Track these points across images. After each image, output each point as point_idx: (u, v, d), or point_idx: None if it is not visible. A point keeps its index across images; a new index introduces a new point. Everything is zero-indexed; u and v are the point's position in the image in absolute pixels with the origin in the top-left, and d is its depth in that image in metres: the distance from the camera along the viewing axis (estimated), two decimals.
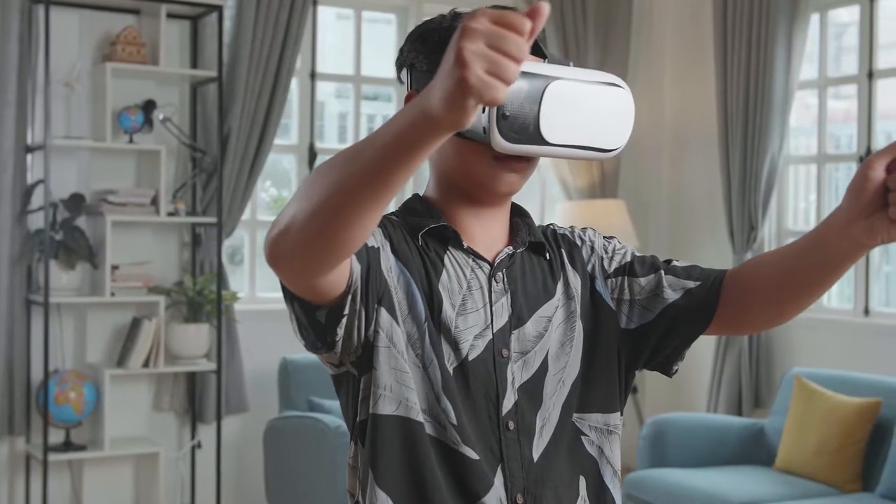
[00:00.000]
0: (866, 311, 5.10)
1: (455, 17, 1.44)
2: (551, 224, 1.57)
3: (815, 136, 5.52)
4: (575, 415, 1.45)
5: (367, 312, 1.35)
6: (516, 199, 1.52)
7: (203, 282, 4.78)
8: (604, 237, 1.56)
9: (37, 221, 4.58)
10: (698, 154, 5.97)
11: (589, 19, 5.86)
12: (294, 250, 1.19)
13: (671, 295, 1.46)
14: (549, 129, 1.27)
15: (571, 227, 1.58)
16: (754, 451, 4.70)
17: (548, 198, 6.07)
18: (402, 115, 1.08)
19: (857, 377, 4.52)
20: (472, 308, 1.42)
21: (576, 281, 1.50)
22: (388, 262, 1.38)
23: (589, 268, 1.51)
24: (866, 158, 1.23)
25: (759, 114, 5.34)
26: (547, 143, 1.28)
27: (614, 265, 1.51)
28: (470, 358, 1.40)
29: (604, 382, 1.48)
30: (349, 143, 5.66)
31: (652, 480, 4.48)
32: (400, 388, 1.37)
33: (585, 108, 1.31)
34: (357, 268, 1.31)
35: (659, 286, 1.48)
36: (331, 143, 5.75)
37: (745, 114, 5.42)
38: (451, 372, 1.39)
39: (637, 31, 6.13)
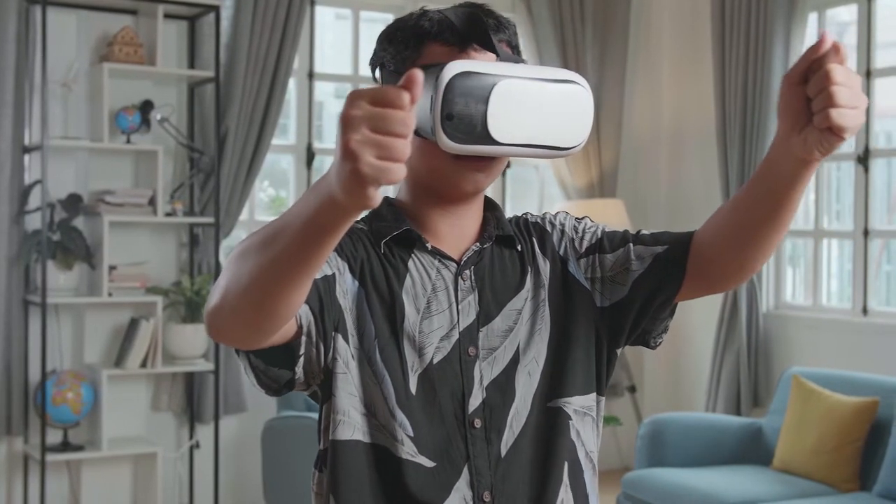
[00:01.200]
0: (865, 311, 5.10)
1: (421, 15, 1.43)
2: (526, 213, 1.56)
3: None
4: (550, 402, 1.44)
5: (325, 343, 1.35)
6: (514, 196, 1.53)
7: (201, 282, 4.78)
8: (576, 218, 1.55)
9: (34, 222, 4.58)
10: (697, 153, 5.96)
11: (587, 19, 5.85)
12: (231, 326, 1.21)
13: (640, 266, 1.44)
14: (499, 128, 1.25)
15: (545, 213, 1.56)
16: (752, 450, 4.69)
17: (546, 197, 6.07)
18: (312, 198, 1.07)
19: (855, 376, 4.51)
20: (437, 310, 1.42)
21: (545, 268, 1.48)
22: (344, 286, 1.39)
23: (561, 251, 1.50)
24: (784, 76, 1.20)
25: (758, 113, 5.34)
26: (497, 143, 1.26)
27: (585, 244, 1.49)
28: (435, 361, 1.40)
29: (578, 365, 1.46)
30: None
31: (649, 480, 4.47)
32: (352, 412, 1.39)
33: (537, 106, 1.28)
34: (305, 310, 1.31)
35: (627, 259, 1.46)
36: (329, 143, 5.75)
37: (744, 113, 5.42)
38: (417, 378, 1.39)
39: (635, 30, 6.13)
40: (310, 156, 5.38)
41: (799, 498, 4.14)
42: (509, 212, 6.74)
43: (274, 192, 5.81)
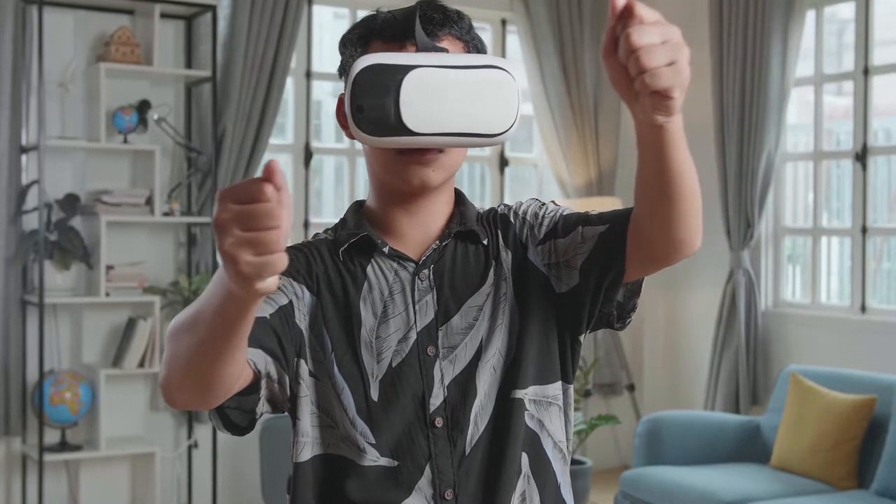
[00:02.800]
0: (863, 309, 5.10)
1: (373, 16, 1.44)
2: (501, 204, 1.55)
3: (813, 133, 5.51)
4: (510, 393, 1.43)
5: (289, 373, 1.38)
6: (513, 195, 1.52)
7: (199, 282, 4.78)
8: (541, 204, 1.52)
9: (31, 222, 4.58)
10: (695, 151, 5.83)
11: (585, 19, 5.85)
12: (182, 397, 1.25)
13: (586, 248, 1.41)
14: (413, 118, 1.25)
15: (519, 202, 1.54)
16: (750, 448, 4.69)
17: (545, 196, 6.07)
18: (219, 288, 1.10)
19: (853, 374, 4.51)
20: (393, 313, 1.42)
21: (507, 259, 1.47)
22: (303, 309, 1.41)
23: (522, 239, 1.48)
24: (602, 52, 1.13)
25: (755, 111, 5.34)
26: (413, 133, 1.26)
27: (544, 230, 1.47)
28: (394, 365, 1.41)
29: (538, 354, 1.45)
30: (345, 142, 5.67)
31: (647, 478, 4.47)
32: (313, 430, 1.41)
33: (455, 94, 1.26)
34: (260, 356, 1.33)
35: (576, 241, 1.43)
36: (328, 142, 5.75)
37: (742, 111, 5.41)
38: (378, 384, 1.40)
39: None
40: (308, 155, 5.38)
41: (796, 496, 4.13)
42: None
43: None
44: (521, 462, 1.42)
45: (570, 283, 1.43)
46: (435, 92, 1.25)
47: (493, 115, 1.28)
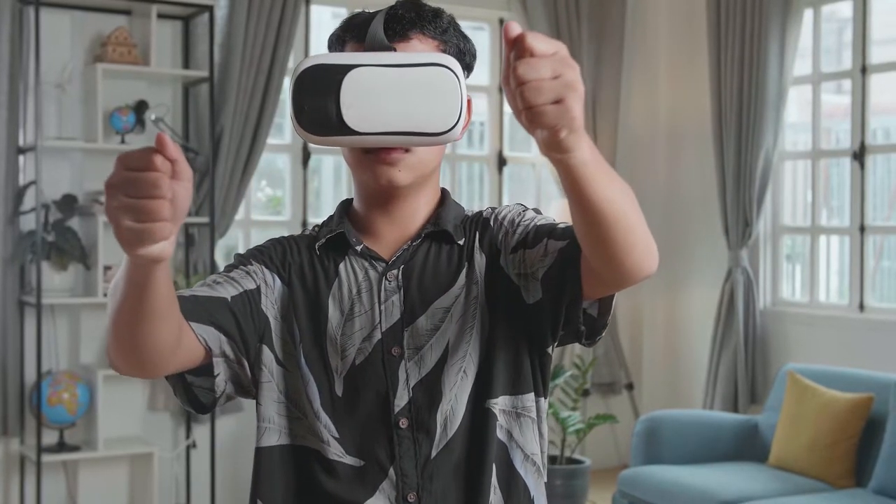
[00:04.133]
0: (861, 307, 5.09)
1: (355, 16, 1.45)
2: (489, 207, 1.53)
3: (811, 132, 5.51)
4: (482, 402, 1.42)
5: (249, 357, 1.40)
6: (511, 195, 1.52)
7: (196, 281, 4.77)
8: (524, 209, 1.49)
9: (29, 223, 4.58)
10: (693, 151, 5.96)
11: (583, 17, 5.85)
12: (120, 362, 1.29)
13: (549, 262, 1.36)
14: (355, 118, 1.25)
15: (505, 206, 1.52)
16: (748, 447, 4.69)
17: (543, 195, 6.07)
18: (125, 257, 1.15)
19: (850, 373, 4.51)
20: (360, 312, 1.43)
21: (481, 262, 1.45)
22: (272, 296, 1.43)
23: (497, 244, 1.46)
24: None
25: (753, 110, 5.33)
26: (355, 133, 1.26)
27: (516, 238, 1.42)
28: (357, 362, 1.41)
29: (509, 363, 1.43)
30: None
31: (645, 477, 4.47)
32: (278, 419, 1.42)
33: (395, 93, 1.25)
34: (212, 334, 1.36)
35: (540, 251, 1.37)
36: None
37: (739, 110, 5.41)
38: (342, 381, 1.41)
39: (631, 28, 6.13)
40: (306, 155, 5.38)
41: (794, 494, 4.13)
42: None
43: (271, 192, 5.81)
44: (490, 473, 1.42)
45: (536, 295, 1.39)
46: (374, 91, 1.25)
47: (435, 114, 1.26)
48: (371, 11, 1.43)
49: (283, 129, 5.48)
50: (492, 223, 1.48)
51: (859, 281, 5.11)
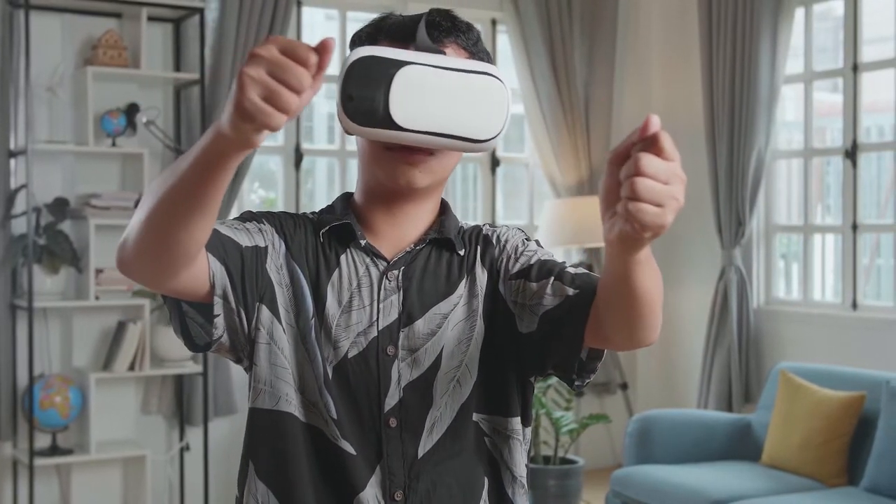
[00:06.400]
0: (854, 306, 5.09)
1: (387, 16, 1.46)
2: (485, 224, 1.56)
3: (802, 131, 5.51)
4: (475, 415, 1.45)
5: (247, 311, 1.39)
6: (504, 194, 1.52)
7: None
8: (524, 239, 1.52)
9: (20, 226, 4.58)
10: (686, 150, 5.91)
11: (575, 17, 5.85)
12: (134, 257, 1.24)
13: (550, 301, 1.39)
14: (401, 114, 1.25)
15: (504, 226, 1.56)
16: (741, 446, 4.69)
17: (536, 195, 6.07)
18: (207, 133, 1.12)
19: (842, 371, 4.51)
20: (358, 306, 1.43)
21: (483, 278, 1.48)
22: (278, 261, 1.42)
23: (498, 266, 1.49)
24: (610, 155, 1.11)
25: (745, 109, 5.33)
26: (399, 128, 1.26)
27: (517, 267, 1.46)
28: (350, 356, 1.42)
29: (500, 385, 1.46)
30: (336, 143, 5.67)
31: (638, 477, 4.47)
32: (278, 383, 1.41)
33: (445, 95, 1.27)
34: (219, 269, 1.35)
35: (544, 292, 1.40)
36: (320, 143, 5.75)
37: (731, 109, 5.41)
38: (332, 369, 1.41)
39: (623, 28, 6.13)
40: (298, 157, 5.38)
41: (787, 493, 4.13)
42: (500, 209, 6.67)
43: (264, 194, 5.81)
44: (482, 485, 1.45)
45: (530, 327, 1.41)
46: (425, 90, 1.26)
47: (482, 121, 1.29)
48: (404, 15, 1.45)
49: None
50: (494, 242, 1.51)
51: (852, 279, 5.11)
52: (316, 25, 5.90)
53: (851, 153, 5.11)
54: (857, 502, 3.99)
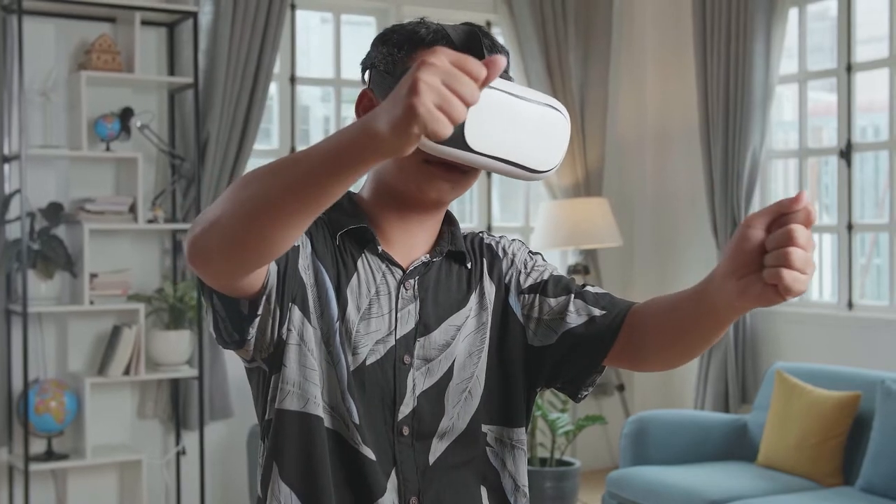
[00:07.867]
0: (850, 305, 5.09)
1: (419, 23, 1.45)
2: (481, 232, 1.57)
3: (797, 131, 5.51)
4: (483, 426, 1.47)
5: (282, 311, 1.37)
6: (501, 196, 1.53)
7: (184, 288, 4.78)
8: (529, 252, 1.55)
9: (14, 231, 4.58)
10: (681, 151, 5.96)
11: (569, 19, 5.85)
12: (215, 251, 1.20)
13: (574, 319, 1.45)
14: (475, 135, 1.26)
15: (502, 236, 1.57)
16: (737, 447, 4.68)
17: (532, 197, 6.06)
18: (344, 132, 1.09)
19: (837, 371, 4.50)
20: (377, 313, 1.42)
21: (491, 291, 1.50)
22: (305, 261, 1.40)
23: (506, 280, 1.51)
24: (747, 217, 1.17)
25: (740, 109, 5.33)
26: (470, 150, 1.26)
27: (529, 281, 1.50)
28: (367, 363, 1.41)
29: (508, 396, 1.48)
30: None
31: (633, 478, 4.46)
32: (307, 385, 1.40)
33: (516, 123, 1.29)
34: (273, 268, 1.33)
35: (565, 309, 1.46)
36: None
37: (726, 110, 5.41)
38: (351, 374, 1.41)
39: (618, 29, 6.13)
40: None
41: (783, 493, 4.13)
42: (496, 211, 6.65)
43: None
44: (481, 494, 1.47)
45: (546, 342, 1.47)
46: (498, 116, 1.27)
47: (543, 153, 1.32)
48: (438, 22, 1.44)
49: (270, 134, 5.48)
50: (500, 255, 1.53)
51: (847, 279, 5.11)
52: (312, 28, 5.90)
53: (846, 153, 5.11)
54: (852, 502, 3.98)
